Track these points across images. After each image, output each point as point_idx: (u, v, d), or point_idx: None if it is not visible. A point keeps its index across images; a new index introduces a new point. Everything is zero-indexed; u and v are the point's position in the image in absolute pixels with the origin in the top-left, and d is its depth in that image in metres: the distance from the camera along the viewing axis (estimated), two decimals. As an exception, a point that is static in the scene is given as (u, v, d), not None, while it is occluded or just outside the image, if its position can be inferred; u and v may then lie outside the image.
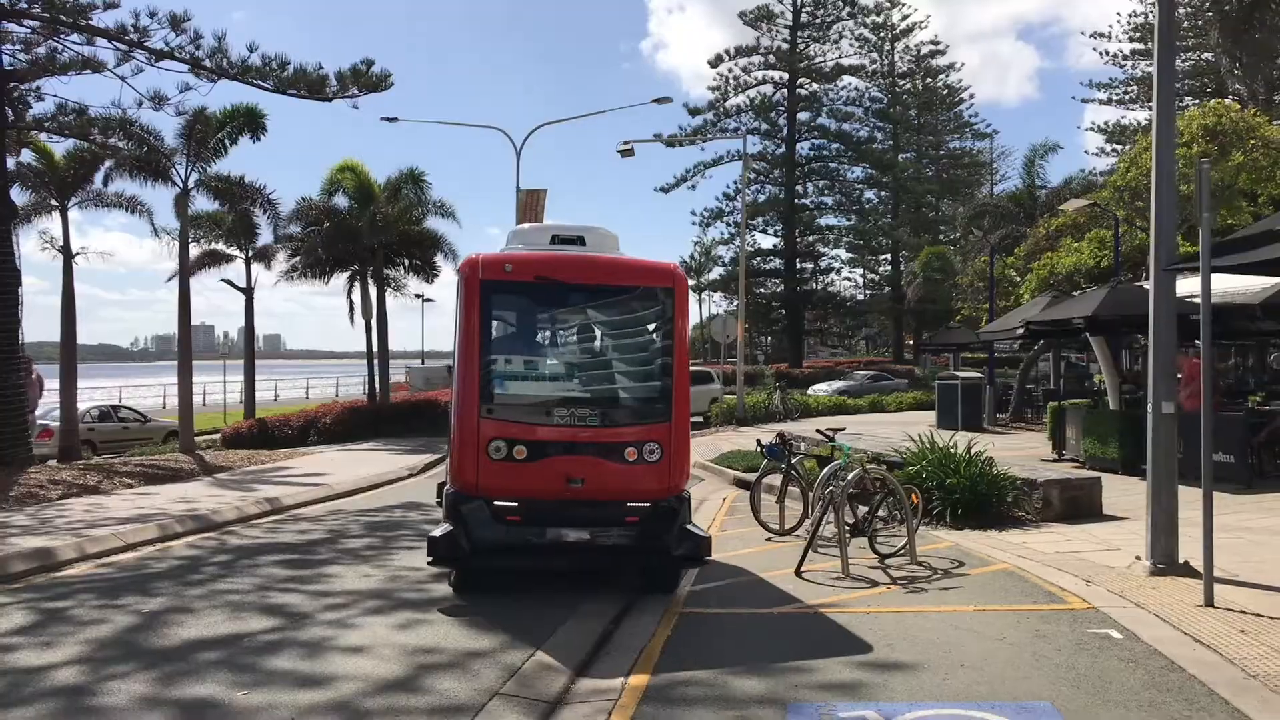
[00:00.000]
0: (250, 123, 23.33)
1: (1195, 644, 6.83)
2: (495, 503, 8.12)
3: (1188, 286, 12.99)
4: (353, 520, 13.77)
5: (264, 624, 7.95)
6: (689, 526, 8.58)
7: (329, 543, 11.90)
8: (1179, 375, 13.10)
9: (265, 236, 30.35)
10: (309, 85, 20.68)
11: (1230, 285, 14.60)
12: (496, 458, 8.08)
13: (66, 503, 14.33)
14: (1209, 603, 7.87)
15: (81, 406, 27.73)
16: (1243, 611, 7.67)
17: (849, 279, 72.85)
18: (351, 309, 32.72)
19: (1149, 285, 9.97)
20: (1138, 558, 9.59)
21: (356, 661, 6.87)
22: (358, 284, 31.31)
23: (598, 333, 9.09)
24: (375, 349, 31.25)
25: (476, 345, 8.27)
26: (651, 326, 8.82)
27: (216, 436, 28.50)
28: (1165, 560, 9.19)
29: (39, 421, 26.58)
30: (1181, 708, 5.65)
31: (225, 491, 15.88)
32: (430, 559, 8.30)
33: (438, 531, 8.30)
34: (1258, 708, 5.57)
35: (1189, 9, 50.08)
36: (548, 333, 9.21)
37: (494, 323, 8.58)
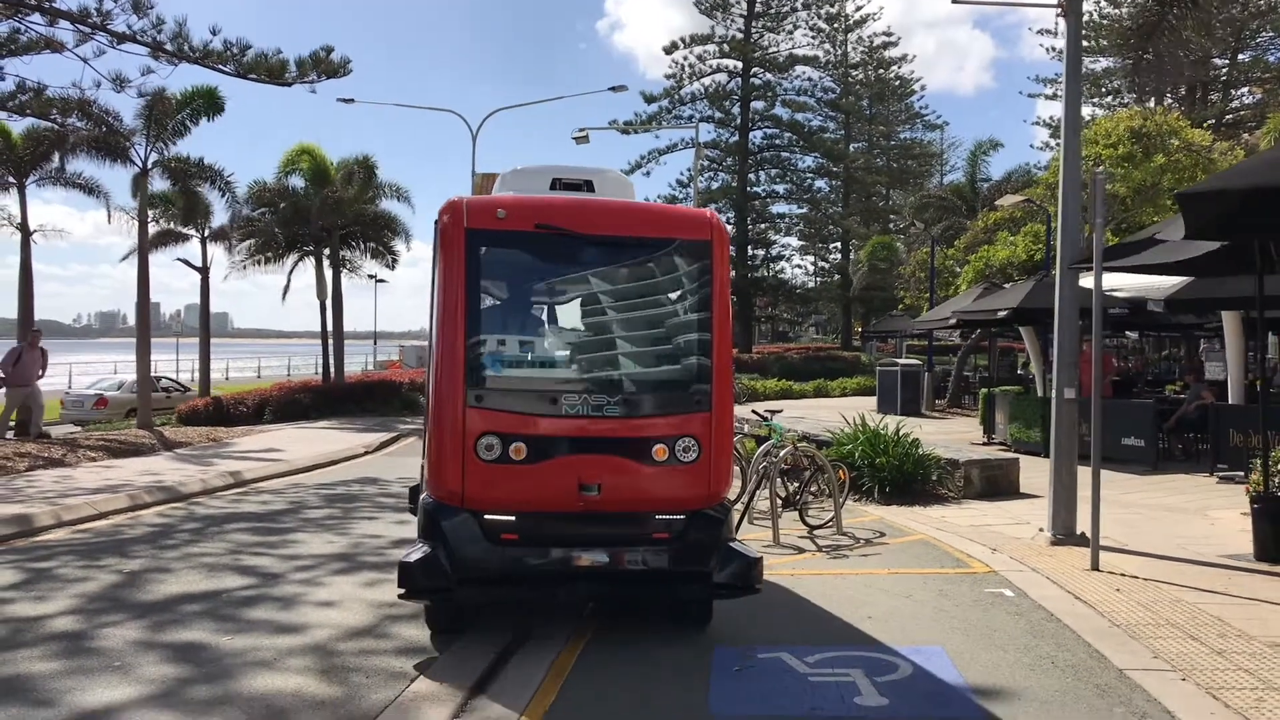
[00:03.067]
0: (209, 104, 23.66)
1: (1075, 600, 7.77)
2: (487, 517, 6.49)
3: (1107, 283, 13.98)
4: (312, 493, 14.38)
5: (239, 582, 8.62)
6: (734, 544, 6.89)
7: (292, 513, 12.53)
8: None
9: (221, 217, 30.59)
10: (269, 70, 21.02)
11: (1145, 282, 15.65)
12: (488, 458, 6.41)
13: (34, 474, 14.80)
14: (1095, 567, 8.84)
15: (126, 378, 31.29)
16: (1123, 574, 8.64)
17: (799, 266, 74.24)
18: (287, 289, 33.22)
19: (1084, 280, 10.89)
20: (1041, 529, 10.56)
21: (328, 613, 7.59)
22: (310, 265, 31.69)
23: (616, 298, 7.27)
24: (330, 329, 31.64)
25: (461, 314, 6.51)
26: (684, 290, 7.01)
27: (172, 413, 28.74)
28: (1064, 531, 10.17)
29: (93, 391, 30.37)
30: (1051, 649, 6.57)
31: (187, 465, 16.40)
32: (402, 590, 6.51)
33: (412, 555, 6.50)
34: (1114, 649, 6.50)
35: (1131, 8, 51.62)
36: (553, 298, 7.44)
37: (483, 285, 6.73)
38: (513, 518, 6.54)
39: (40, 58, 20.03)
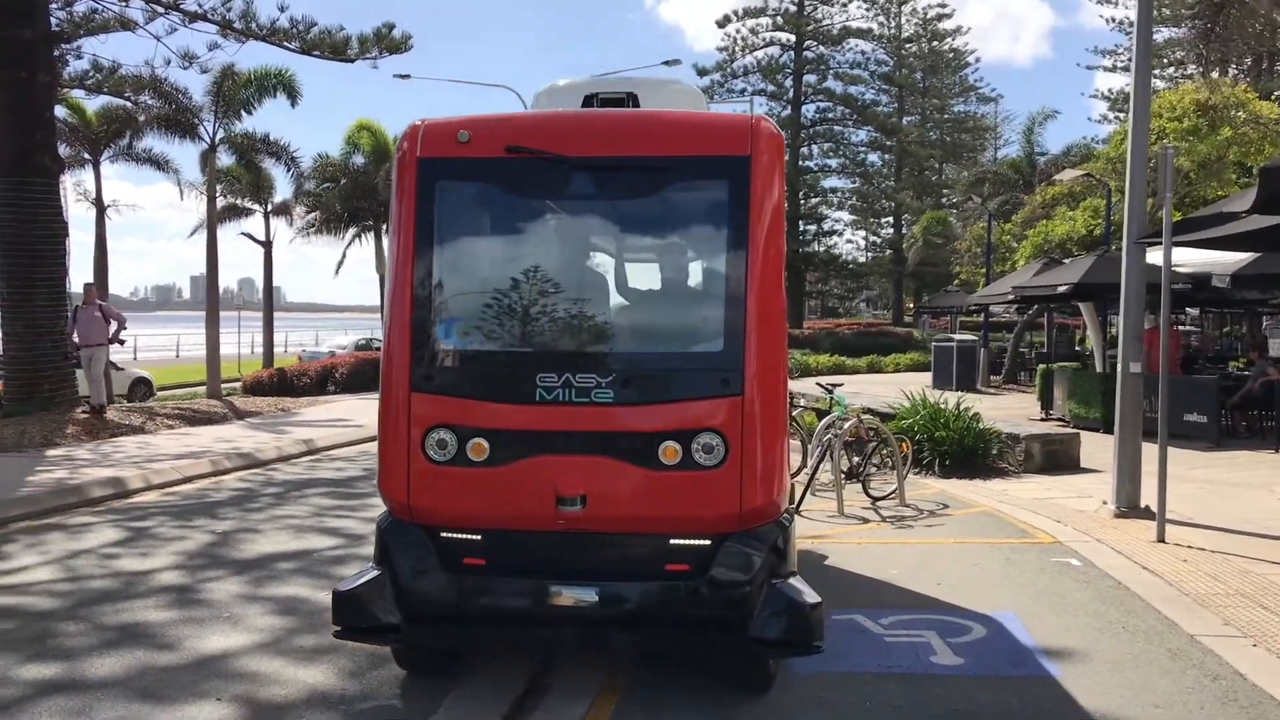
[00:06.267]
0: (285, 87, 24.23)
1: (1142, 570, 7.90)
2: (443, 535, 5.07)
3: (1173, 258, 13.96)
4: (383, 461, 14.79)
5: (327, 542, 9.04)
6: (787, 583, 5.02)
7: (366, 479, 12.94)
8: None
9: (283, 191, 31.31)
10: (333, 47, 21.54)
11: (1209, 258, 15.55)
12: (439, 458, 4.99)
13: (118, 440, 15.44)
14: (1160, 539, 8.93)
15: (349, 340, 36.76)
16: (1189, 546, 8.73)
17: (850, 241, 73.85)
18: (341, 262, 34.06)
19: (1153, 255, 10.95)
20: (1104, 502, 10.63)
21: (415, 572, 7.93)
22: (368, 239, 32.32)
23: (615, 243, 5.95)
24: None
25: (408, 270, 5.09)
26: (712, 227, 5.28)
27: (237, 384, 29.49)
28: (1128, 504, 10.25)
29: (325, 349, 35.40)
30: (1120, 615, 6.73)
31: (260, 433, 16.93)
32: (337, 628, 5.15)
33: (349, 583, 5.17)
34: (1184, 615, 6.65)
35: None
36: (532, 244, 5.58)
37: (438, 231, 5.19)
38: (477, 537, 5.06)
39: (113, 36, 20.62)
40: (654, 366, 5.07)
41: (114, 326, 17.80)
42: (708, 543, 4.95)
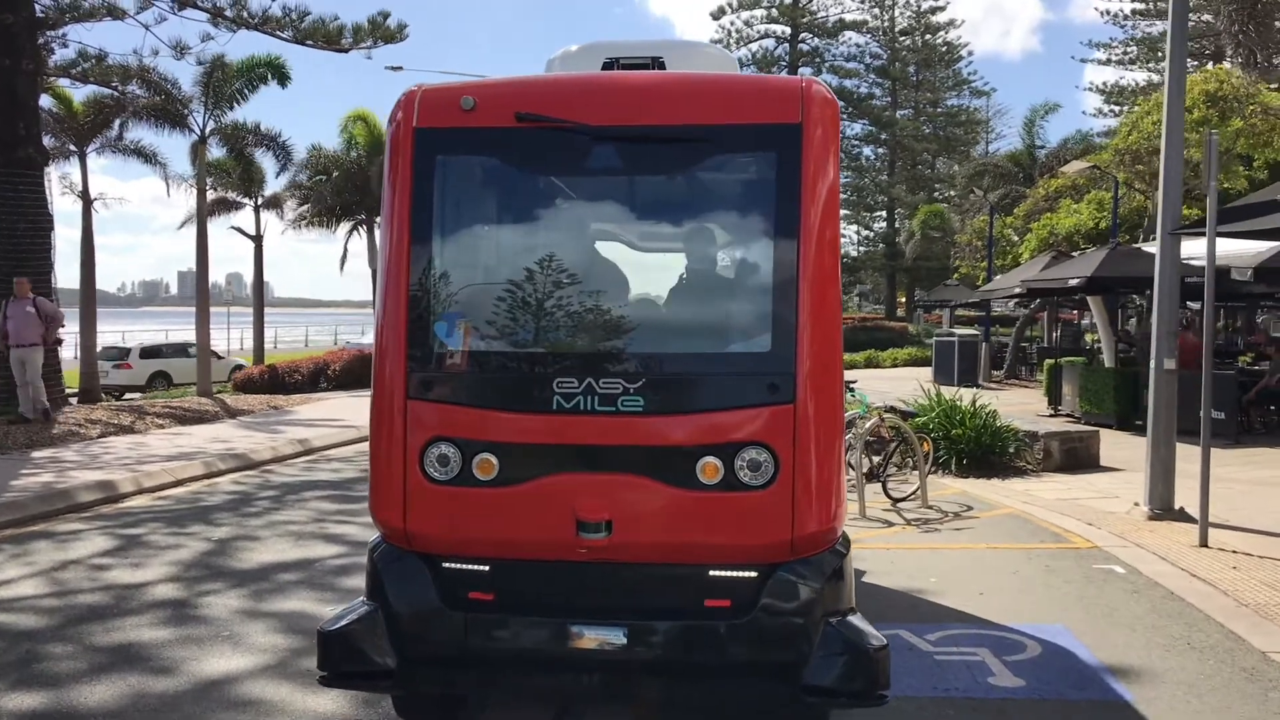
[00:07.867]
0: (275, 73, 23.68)
1: (1192, 578, 7.51)
2: (445, 565, 4.41)
3: (1187, 249, 13.60)
4: (382, 461, 14.33)
5: (330, 550, 8.57)
6: (846, 621, 4.37)
7: (366, 481, 12.40)
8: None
9: (273, 185, 30.75)
10: (326, 36, 21.06)
11: (1226, 249, 15.19)
12: (440, 477, 4.31)
13: (108, 440, 14.90)
14: (1203, 543, 8.56)
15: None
16: (1234, 551, 8.36)
17: (843, 235, 73.51)
18: (344, 258, 33.48)
19: (1150, 248, 10.59)
20: (1136, 504, 10.25)
21: (425, 584, 7.49)
22: (363, 233, 31.78)
23: (645, 228, 5.22)
24: (383, 298, 31.79)
25: (405, 260, 4.41)
26: (756, 207, 4.59)
27: (227, 382, 28.95)
28: (1162, 506, 9.87)
29: (355, 342, 32.94)
30: (1181, 629, 6.33)
31: (254, 433, 16.44)
32: (323, 673, 4.45)
33: (337, 619, 4.51)
34: (1249, 630, 6.26)
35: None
36: (545, 231, 4.84)
37: (437, 213, 4.52)
38: (485, 568, 4.38)
39: (100, 25, 20.11)
40: (690, 370, 4.34)
41: (52, 325, 15.87)
42: (754, 575, 4.25)
